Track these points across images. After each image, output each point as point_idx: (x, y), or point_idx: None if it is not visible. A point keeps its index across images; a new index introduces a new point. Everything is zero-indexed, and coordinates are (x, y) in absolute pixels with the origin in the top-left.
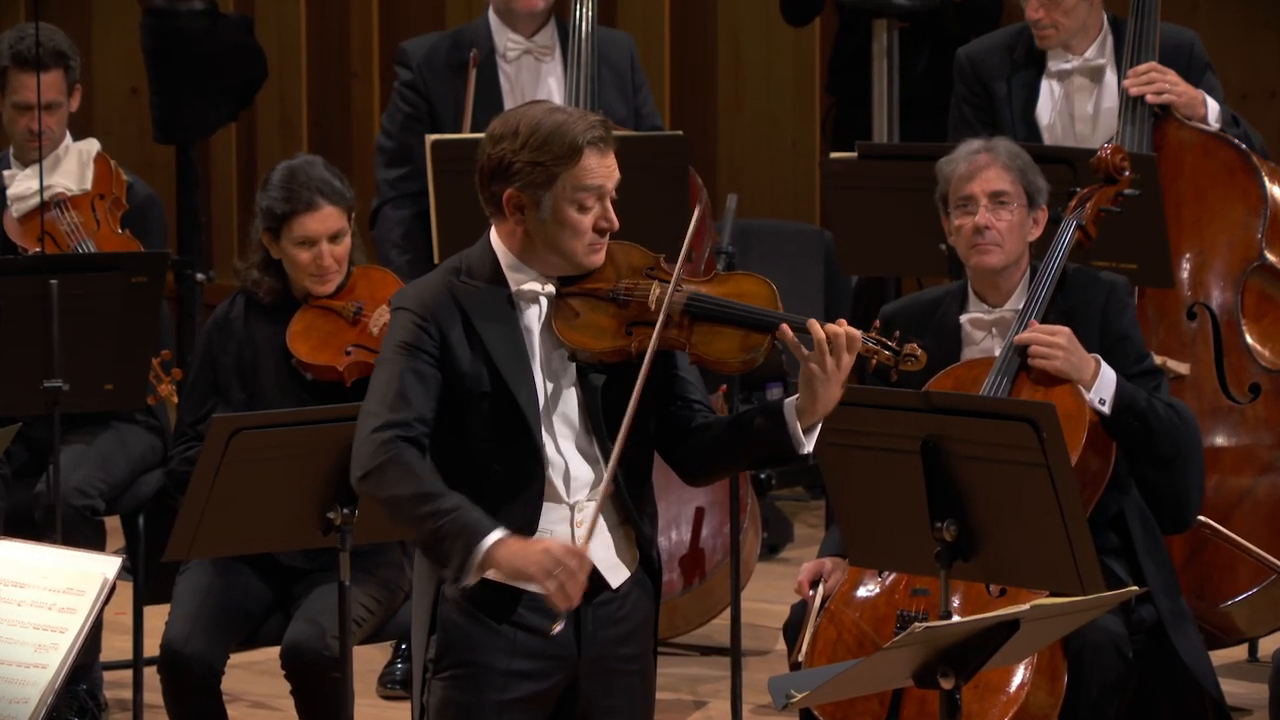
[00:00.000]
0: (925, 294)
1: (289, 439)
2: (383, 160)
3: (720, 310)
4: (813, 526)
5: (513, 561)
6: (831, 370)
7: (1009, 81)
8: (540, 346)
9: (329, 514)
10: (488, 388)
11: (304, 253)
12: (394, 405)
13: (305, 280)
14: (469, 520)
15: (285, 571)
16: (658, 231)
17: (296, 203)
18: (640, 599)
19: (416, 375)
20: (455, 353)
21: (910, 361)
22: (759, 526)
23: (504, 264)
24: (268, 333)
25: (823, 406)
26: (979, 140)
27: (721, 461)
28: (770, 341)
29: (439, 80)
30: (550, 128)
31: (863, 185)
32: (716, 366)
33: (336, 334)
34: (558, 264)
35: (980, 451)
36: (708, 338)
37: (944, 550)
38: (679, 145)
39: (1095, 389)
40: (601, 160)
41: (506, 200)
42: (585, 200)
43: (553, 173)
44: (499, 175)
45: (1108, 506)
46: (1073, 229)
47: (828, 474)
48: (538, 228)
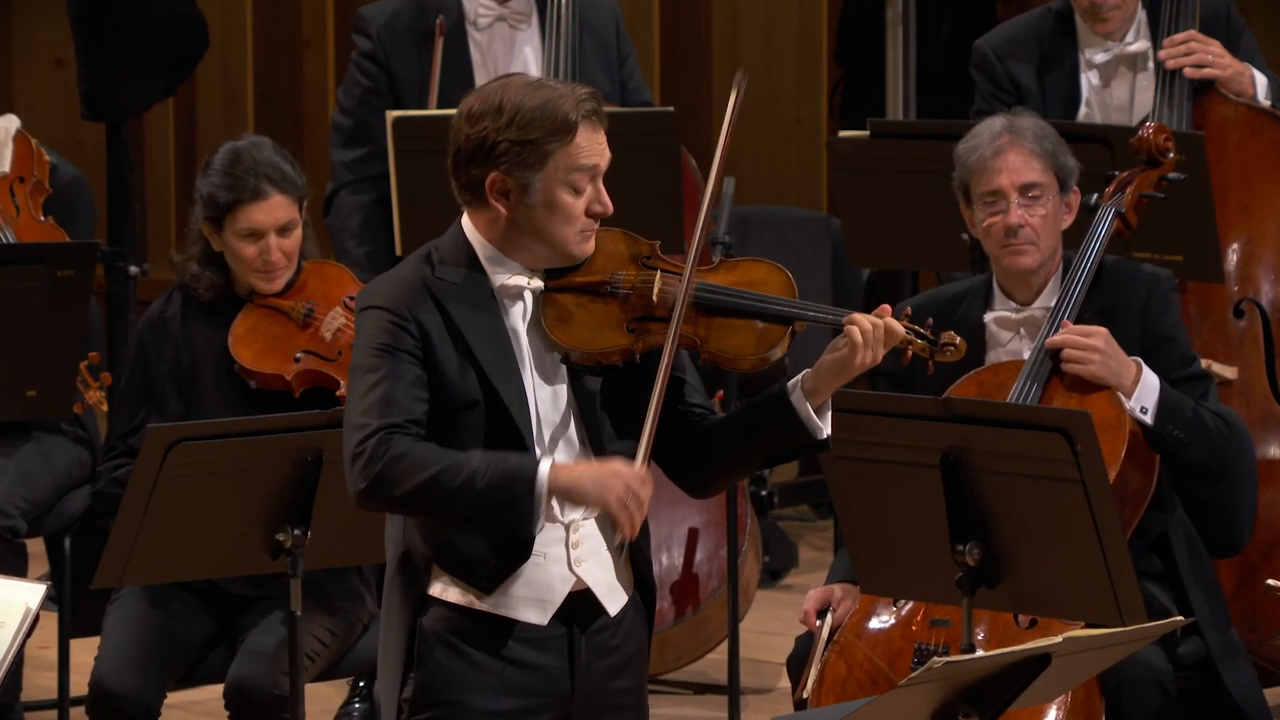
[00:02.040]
0: (945, 290)
1: (233, 451)
2: (339, 140)
3: (733, 302)
4: (819, 549)
5: (583, 484)
6: (868, 363)
7: (1042, 78)
8: (529, 347)
9: (278, 536)
10: (476, 395)
11: (249, 246)
12: (382, 411)
13: (250, 276)
14: (510, 465)
15: (229, 600)
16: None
17: (241, 191)
18: (635, 626)
19: (402, 378)
20: (438, 355)
21: (949, 351)
22: (759, 549)
23: (482, 255)
24: (207, 334)
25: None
26: (1000, 118)
27: (730, 465)
28: (790, 335)
29: (401, 50)
30: (538, 102)
31: (875, 167)
32: (731, 364)
33: (285, 338)
34: (544, 255)
35: (1007, 465)
36: (721, 333)
37: (966, 576)
38: (670, 122)
39: (1136, 396)
40: (594, 136)
41: (490, 185)
42: (579, 182)
43: (544, 152)
44: (480, 157)
45: (1150, 527)
46: (1111, 217)
47: (836, 490)
48: (525, 214)
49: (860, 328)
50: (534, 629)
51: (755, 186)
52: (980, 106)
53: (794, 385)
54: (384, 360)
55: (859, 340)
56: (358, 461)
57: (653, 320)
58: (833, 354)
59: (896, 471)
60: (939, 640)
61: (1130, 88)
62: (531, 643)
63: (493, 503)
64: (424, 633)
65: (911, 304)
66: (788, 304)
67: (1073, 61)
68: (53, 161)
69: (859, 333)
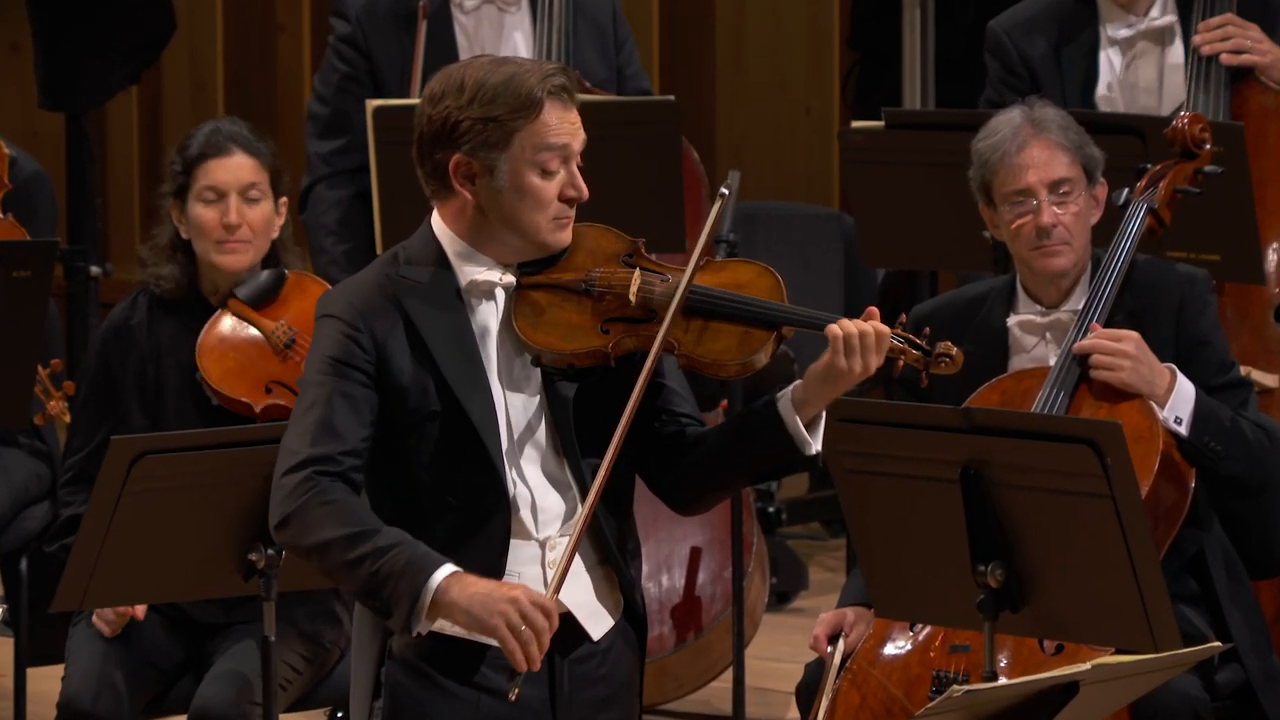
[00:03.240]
0: (965, 291)
1: (203, 465)
2: (315, 130)
3: (715, 304)
4: (831, 570)
5: (470, 607)
6: (858, 373)
7: (1058, 54)
8: (498, 350)
9: (250, 555)
10: (436, 405)
11: (210, 211)
12: (316, 438)
13: (212, 253)
14: (412, 556)
15: (197, 625)
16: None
17: (206, 147)
18: (624, 654)
19: (346, 399)
20: (395, 365)
21: (944, 363)
22: (766, 570)
23: (451, 252)
24: (173, 340)
25: (830, 401)
26: (1018, 109)
27: (716, 481)
28: (776, 340)
29: (382, 34)
30: (502, 78)
31: (890, 160)
32: (711, 371)
33: (259, 363)
34: (516, 245)
35: (1031, 480)
36: (700, 337)
37: (988, 598)
38: (670, 112)
39: (1170, 405)
40: (564, 115)
41: (453, 168)
42: (548, 163)
43: (508, 129)
44: (443, 139)
45: (1185, 546)
46: (1143, 214)
47: (848, 507)
48: (492, 199)
49: (844, 333)
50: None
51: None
52: (990, 94)
53: (783, 396)
54: (329, 379)
55: (839, 348)
56: (278, 493)
57: (628, 322)
58: (820, 362)
59: (913, 486)
60: (959, 667)
61: (1158, 68)
62: (507, 670)
63: (381, 588)
64: (393, 659)
65: (928, 307)
66: (774, 307)
67: (1092, 38)
68: (10, 154)
69: (841, 339)
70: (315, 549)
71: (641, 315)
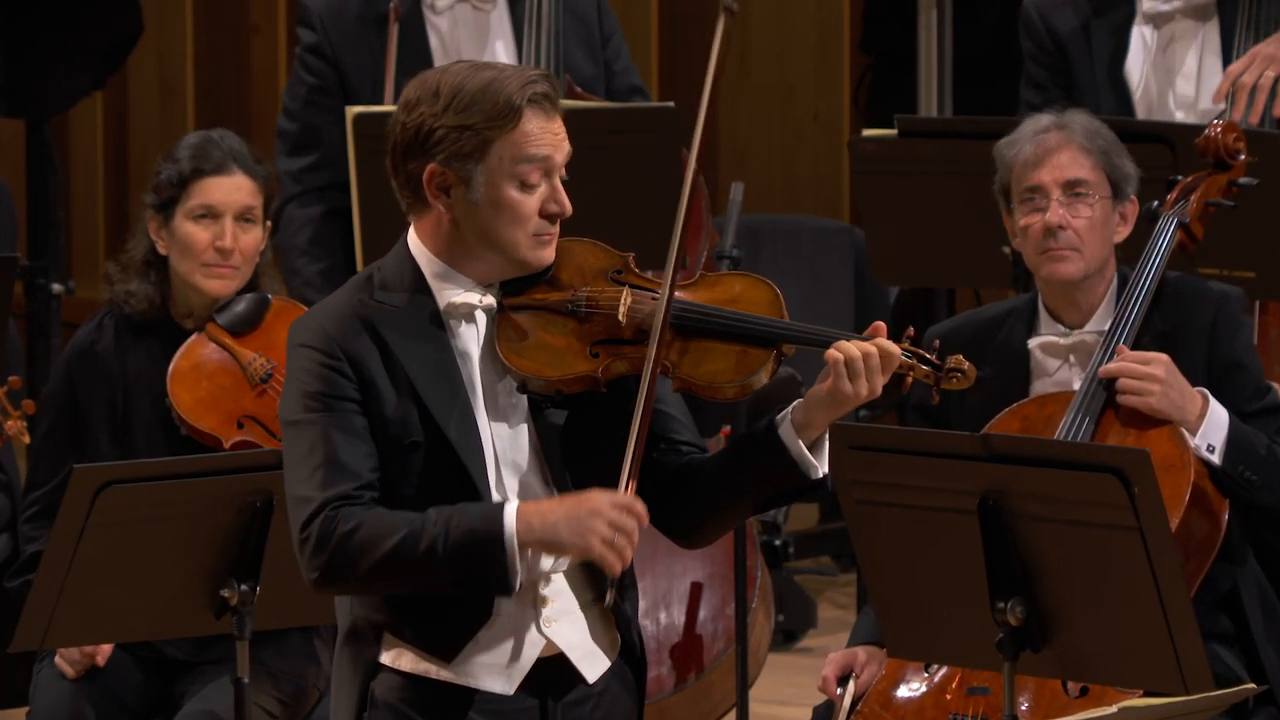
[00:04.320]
0: (984, 311)
1: (172, 495)
2: (284, 147)
3: (709, 321)
4: (842, 607)
5: (559, 536)
6: (863, 396)
7: (1087, 31)
8: (481, 377)
9: (223, 592)
10: (418, 435)
11: (202, 231)
12: (326, 479)
13: (197, 275)
14: (471, 519)
15: (168, 665)
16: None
17: (204, 161)
18: (620, 696)
19: (343, 433)
20: (375, 393)
21: (955, 378)
22: (771, 607)
23: (428, 273)
24: (143, 366)
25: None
26: (1048, 115)
27: (719, 511)
28: (776, 359)
29: (351, 41)
30: (479, 84)
31: (904, 170)
32: (708, 394)
33: (233, 394)
34: (495, 264)
35: (1054, 511)
36: (695, 357)
37: (1008, 637)
38: (669, 119)
39: (1202, 433)
40: (546, 124)
41: (428, 179)
42: (527, 175)
43: (484, 138)
44: (416, 148)
45: (1218, 582)
46: (1173, 228)
47: (859, 540)
48: (468, 213)
49: (845, 354)
50: (499, 700)
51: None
52: (1026, 77)
53: (783, 419)
54: (320, 416)
55: (841, 371)
56: (305, 547)
57: (618, 344)
58: (821, 382)
59: (928, 518)
60: (977, 711)
61: (1198, 52)
62: (497, 715)
63: (462, 571)
64: (375, 703)
65: (944, 328)
66: (771, 323)
67: (1126, 13)
68: None
69: (842, 363)
70: (374, 573)
71: (632, 336)
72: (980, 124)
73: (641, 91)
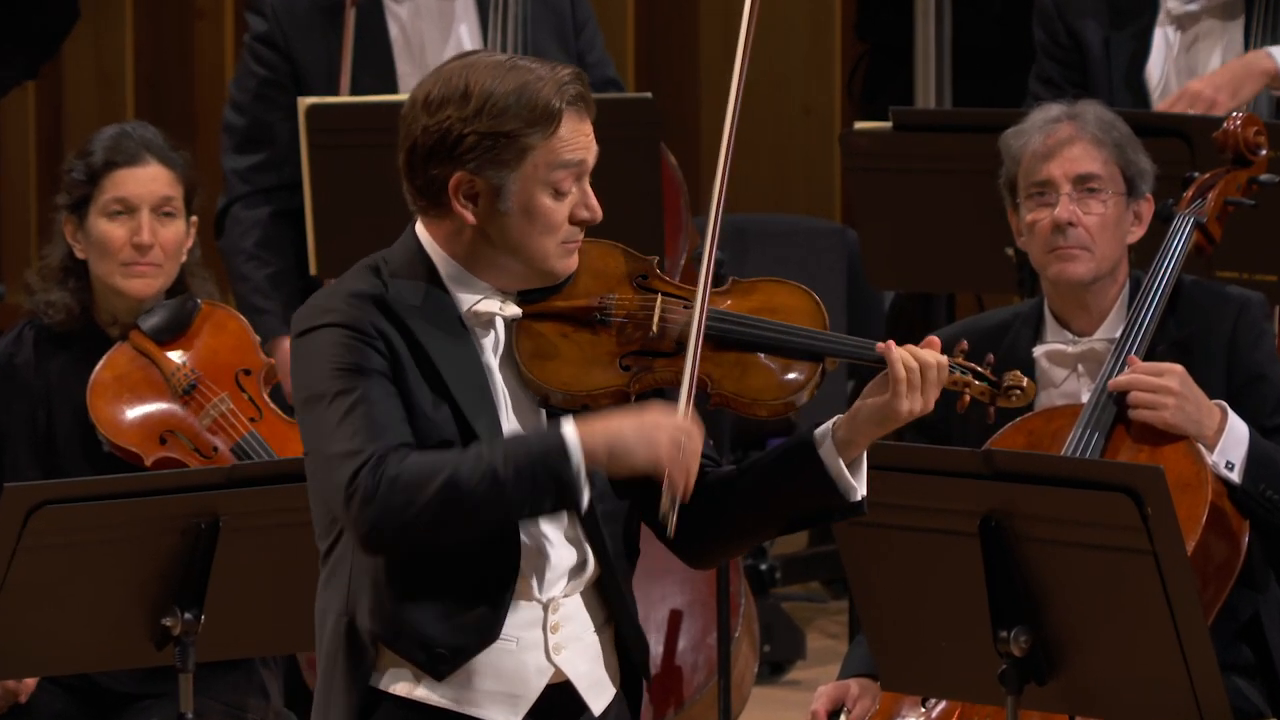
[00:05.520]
0: (986, 318)
1: (110, 516)
2: (231, 143)
3: (752, 334)
4: (833, 636)
5: (626, 437)
6: (916, 411)
7: (1108, 29)
8: (502, 387)
9: (165, 621)
10: (452, 435)
11: (117, 228)
12: (371, 433)
13: (116, 276)
14: (528, 439)
15: (104, 698)
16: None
17: (116, 153)
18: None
19: (381, 399)
20: (404, 382)
21: (1015, 395)
22: (756, 636)
23: (442, 273)
24: (65, 376)
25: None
26: (1059, 105)
27: (740, 530)
28: (820, 374)
29: (304, 31)
30: (513, 86)
31: (900, 167)
32: (750, 410)
33: (156, 409)
34: (517, 273)
35: (1062, 533)
36: (736, 371)
37: (1011, 669)
38: (648, 112)
39: (1220, 449)
40: (580, 126)
41: (454, 188)
42: (561, 182)
43: (522, 147)
44: (442, 154)
45: (1238, 610)
46: (1189, 229)
47: (851, 564)
48: (496, 223)
49: (906, 364)
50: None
51: (755, 190)
52: (1035, 69)
53: (824, 435)
54: (355, 380)
55: (901, 386)
56: (353, 502)
57: (652, 355)
58: (873, 398)
59: (926, 540)
60: None
61: (1220, 48)
62: None
63: (527, 489)
64: None
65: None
66: (818, 336)
67: (1149, 10)
68: None
69: (903, 370)
70: (431, 509)
71: (668, 348)
72: (982, 117)
73: (617, 84)
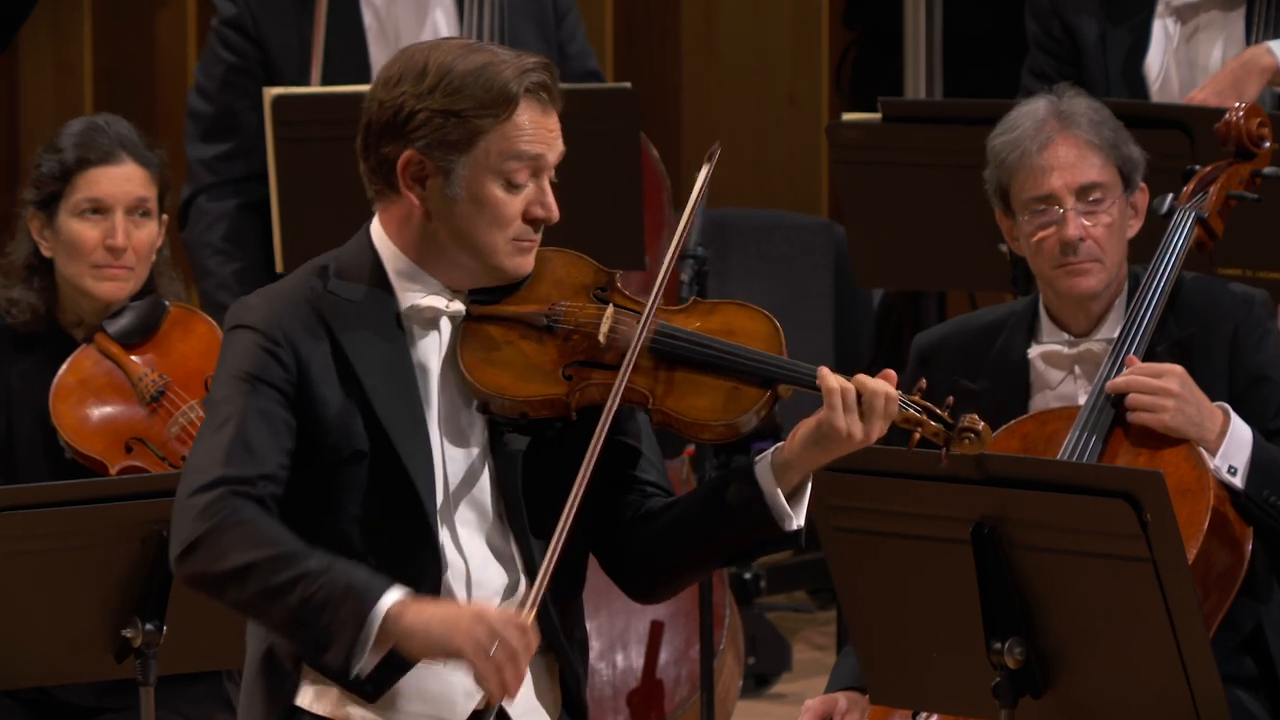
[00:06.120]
0: (978, 317)
1: (67, 524)
2: (197, 132)
3: (701, 352)
4: (820, 648)
5: (430, 629)
6: (857, 439)
7: (1104, 23)
8: (439, 392)
9: (125, 632)
10: (363, 445)
11: (90, 229)
12: (230, 456)
13: (86, 278)
14: (353, 579)
15: (62, 712)
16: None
17: (89, 150)
18: None
19: (262, 418)
20: (317, 393)
21: (968, 439)
22: (741, 648)
23: (391, 268)
24: (28, 378)
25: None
26: (1044, 101)
27: (678, 564)
28: (770, 400)
29: (275, 15)
30: (472, 66)
31: (890, 160)
32: (691, 431)
33: (122, 416)
34: (468, 268)
35: (1057, 540)
36: (681, 390)
37: (1005, 682)
38: (627, 102)
39: (1222, 453)
40: (541, 118)
41: (402, 166)
42: (515, 173)
43: (473, 128)
44: (394, 131)
45: (1240, 621)
46: (1190, 224)
47: (839, 573)
48: (444, 209)
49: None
50: None
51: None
52: (1028, 63)
53: (762, 459)
54: (242, 393)
55: (836, 401)
56: (184, 515)
57: (596, 367)
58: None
59: (916, 548)
60: None
61: (1223, 43)
62: None
63: (316, 618)
64: None
65: (934, 336)
66: (770, 360)
67: (1148, 5)
68: None
69: (839, 394)
70: (232, 576)
71: (613, 361)
72: (975, 108)
73: (599, 76)
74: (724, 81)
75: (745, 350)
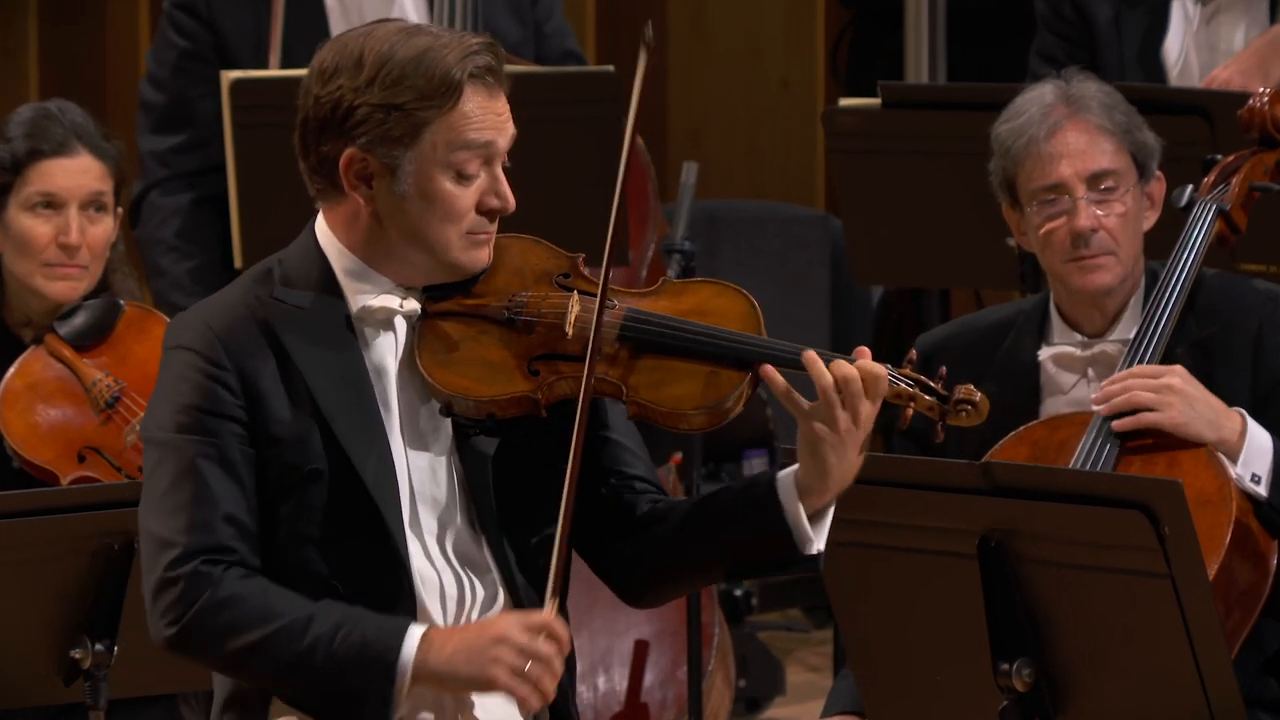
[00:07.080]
0: (984, 316)
1: (12, 536)
2: (148, 122)
3: (673, 336)
4: (815, 670)
5: (455, 670)
6: (846, 428)
7: (1118, 3)
8: (397, 396)
9: (73, 653)
10: (320, 463)
11: (42, 224)
12: (194, 521)
13: (37, 277)
14: (369, 632)
15: None
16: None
17: (41, 140)
18: None
19: (219, 464)
20: (268, 411)
21: (965, 411)
22: (731, 670)
23: (339, 269)
24: None
25: (836, 481)
26: (1051, 86)
27: (681, 570)
28: (751, 383)
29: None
30: (412, 54)
31: (889, 148)
32: (670, 422)
33: (74, 423)
34: (421, 265)
35: (1069, 554)
36: (655, 378)
37: (1014, 705)
38: (610, 86)
39: (1244, 460)
40: (489, 103)
41: (344, 166)
42: (465, 164)
43: (416, 121)
44: (333, 128)
45: (1264, 640)
46: (1211, 216)
47: (836, 590)
48: (392, 206)
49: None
50: None
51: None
52: (1037, 45)
53: (784, 476)
54: (192, 440)
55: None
56: (163, 597)
57: (565, 360)
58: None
59: (919, 562)
60: None
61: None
62: None
63: (335, 686)
64: None
65: (937, 336)
66: (748, 340)
67: None
68: None
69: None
70: (238, 657)
71: (580, 352)
72: (981, 92)
73: (577, 56)
74: (713, 65)
75: (720, 331)
